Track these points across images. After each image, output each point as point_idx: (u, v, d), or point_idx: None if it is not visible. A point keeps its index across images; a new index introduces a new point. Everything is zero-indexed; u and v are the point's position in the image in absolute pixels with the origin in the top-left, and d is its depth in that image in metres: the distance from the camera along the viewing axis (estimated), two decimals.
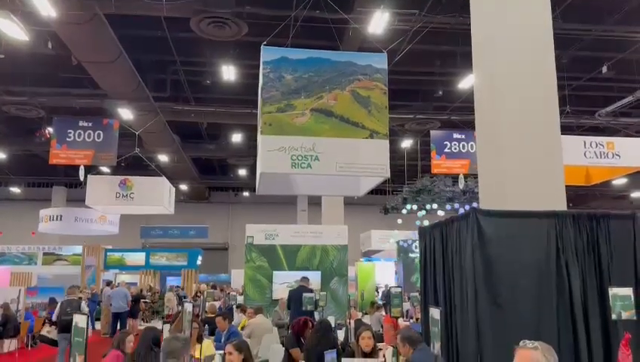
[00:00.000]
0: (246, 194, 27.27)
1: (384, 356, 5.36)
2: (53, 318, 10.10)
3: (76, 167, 12.09)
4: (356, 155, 6.49)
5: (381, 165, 6.96)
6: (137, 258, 20.15)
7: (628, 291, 4.09)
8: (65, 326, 8.49)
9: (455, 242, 5.12)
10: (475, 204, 12.59)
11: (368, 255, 22.81)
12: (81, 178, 12.16)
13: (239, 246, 25.99)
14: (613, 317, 4.17)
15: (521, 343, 2.70)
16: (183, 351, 3.31)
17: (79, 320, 2.78)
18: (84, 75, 11.72)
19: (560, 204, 5.13)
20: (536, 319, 4.30)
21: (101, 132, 11.85)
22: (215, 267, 25.63)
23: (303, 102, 6.32)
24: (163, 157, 17.61)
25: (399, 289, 5.34)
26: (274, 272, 12.65)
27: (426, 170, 16.14)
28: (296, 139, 6.46)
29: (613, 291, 4.17)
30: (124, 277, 19.41)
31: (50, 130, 13.92)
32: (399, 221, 19.58)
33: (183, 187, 23.33)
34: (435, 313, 3.48)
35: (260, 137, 6.42)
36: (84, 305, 10.41)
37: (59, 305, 9.70)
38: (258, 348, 7.27)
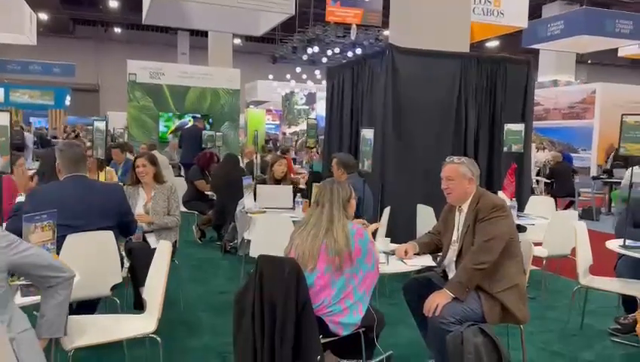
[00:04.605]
0: (118, 30, 24.64)
1: None
2: None
3: None
4: None
5: (286, 0, 6.63)
6: None
7: (520, 127, 4.62)
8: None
9: (367, 79, 5.23)
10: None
11: (254, 105, 22.62)
12: None
13: (112, 87, 24.14)
14: (505, 149, 4.73)
15: (447, 159, 2.81)
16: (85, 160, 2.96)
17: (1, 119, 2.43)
18: None
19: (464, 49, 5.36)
20: (433, 147, 4.74)
21: None
22: (86, 109, 23.84)
23: None
24: None
25: (314, 121, 5.45)
26: (160, 113, 12.13)
27: (318, 19, 15.68)
28: None
29: (508, 127, 4.68)
30: None
31: None
32: (298, 69, 19.14)
33: (43, 16, 20.33)
34: (367, 133, 3.65)
35: None
36: (27, 134, 12.61)
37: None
38: None
